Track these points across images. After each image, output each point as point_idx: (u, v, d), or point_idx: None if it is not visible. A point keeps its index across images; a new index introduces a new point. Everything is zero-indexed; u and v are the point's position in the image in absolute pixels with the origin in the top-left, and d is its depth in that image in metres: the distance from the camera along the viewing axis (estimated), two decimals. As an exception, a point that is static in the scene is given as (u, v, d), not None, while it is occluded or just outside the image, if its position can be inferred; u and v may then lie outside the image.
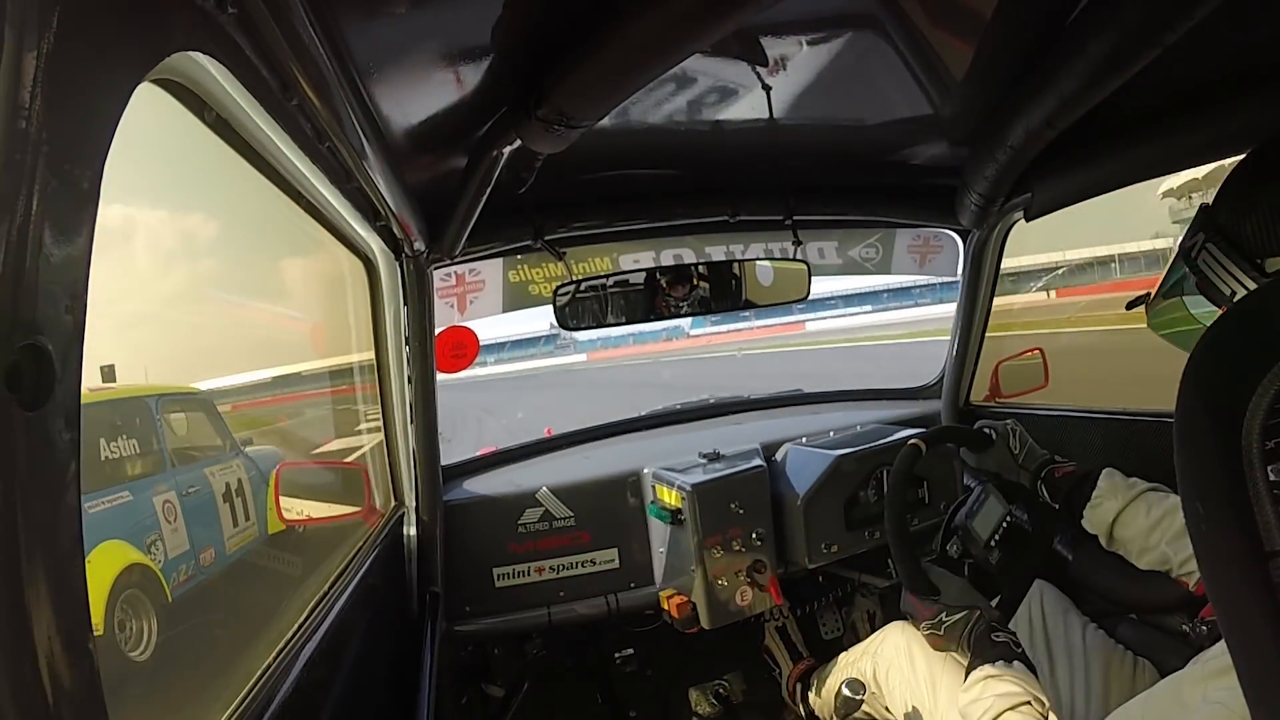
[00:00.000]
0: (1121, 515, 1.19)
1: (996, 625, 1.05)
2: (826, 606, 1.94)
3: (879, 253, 2.04)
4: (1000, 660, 0.97)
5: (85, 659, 0.36)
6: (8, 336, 0.30)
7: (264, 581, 3.72)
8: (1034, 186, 1.31)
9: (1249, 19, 0.82)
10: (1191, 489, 0.45)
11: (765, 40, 0.88)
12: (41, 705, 0.32)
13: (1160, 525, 1.12)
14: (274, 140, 0.71)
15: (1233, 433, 0.41)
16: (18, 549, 0.31)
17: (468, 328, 1.66)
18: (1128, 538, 1.18)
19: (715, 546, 1.52)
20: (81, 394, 0.36)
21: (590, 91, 0.80)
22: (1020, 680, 0.94)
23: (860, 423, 1.85)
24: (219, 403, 4.55)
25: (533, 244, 1.45)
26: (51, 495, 0.34)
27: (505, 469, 1.84)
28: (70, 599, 0.35)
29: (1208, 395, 0.45)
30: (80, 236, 0.35)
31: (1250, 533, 0.41)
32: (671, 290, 1.50)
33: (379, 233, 1.22)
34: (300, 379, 6.05)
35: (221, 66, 0.53)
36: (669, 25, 0.68)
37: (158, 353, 4.22)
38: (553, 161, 1.03)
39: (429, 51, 0.77)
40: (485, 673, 1.79)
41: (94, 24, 0.36)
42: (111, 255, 3.25)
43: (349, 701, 1.01)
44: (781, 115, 1.12)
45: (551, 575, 1.64)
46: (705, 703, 1.78)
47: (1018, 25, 0.87)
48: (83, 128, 0.36)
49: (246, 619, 3.09)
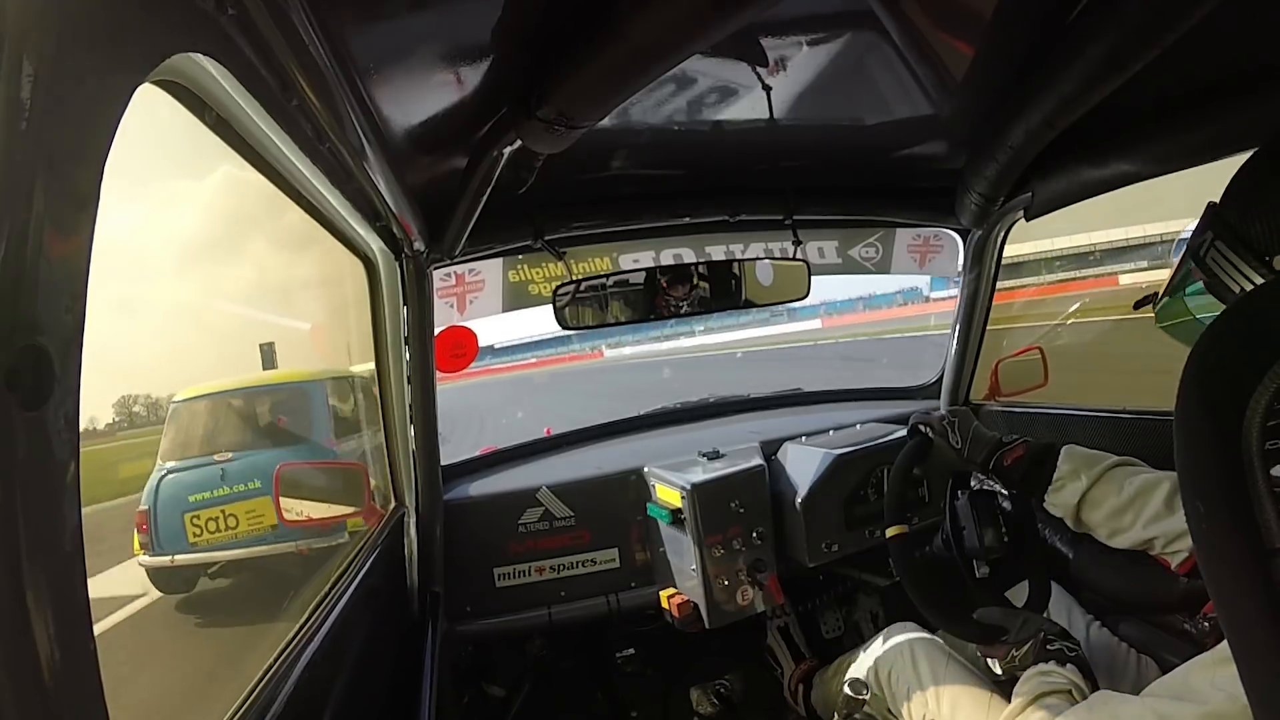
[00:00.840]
0: (1089, 495, 1.11)
1: (1053, 637, 1.06)
2: (827, 605, 1.95)
3: (879, 252, 2.04)
4: (1053, 661, 1.01)
5: (85, 659, 0.36)
6: (8, 337, 0.30)
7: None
8: (1034, 186, 1.31)
9: (1249, 18, 0.82)
10: (1192, 487, 0.45)
11: (765, 41, 0.88)
12: (42, 705, 0.32)
13: (1134, 505, 1.06)
14: (274, 141, 0.71)
15: (1233, 431, 0.41)
16: (18, 549, 0.31)
17: (467, 328, 1.66)
18: (1098, 520, 1.11)
19: (716, 545, 1.52)
20: (81, 394, 0.36)
21: (591, 92, 0.80)
22: (1069, 675, 0.98)
23: (860, 421, 1.85)
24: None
25: (533, 244, 1.45)
26: (52, 495, 0.34)
27: (505, 469, 1.84)
28: (70, 599, 0.35)
29: (1208, 394, 0.45)
30: (80, 237, 0.35)
31: (1251, 531, 0.41)
32: (671, 290, 1.50)
33: (379, 233, 1.23)
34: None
35: (222, 67, 0.53)
36: (670, 26, 0.68)
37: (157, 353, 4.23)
38: (553, 161, 1.03)
39: (429, 52, 0.77)
40: (486, 673, 1.80)
41: (94, 25, 0.36)
42: (111, 255, 3.33)
43: (350, 701, 1.01)
44: (781, 115, 1.12)
45: (552, 575, 1.64)
46: (706, 702, 1.78)
47: (1017, 25, 0.87)
48: (83, 129, 0.36)
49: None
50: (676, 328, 40.10)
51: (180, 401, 3.88)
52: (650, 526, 1.67)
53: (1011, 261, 13.03)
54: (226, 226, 5.06)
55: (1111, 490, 1.08)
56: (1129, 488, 1.07)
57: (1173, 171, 1.13)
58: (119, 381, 3.82)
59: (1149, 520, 1.03)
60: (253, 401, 4.12)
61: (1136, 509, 1.05)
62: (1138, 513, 1.05)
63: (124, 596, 3.28)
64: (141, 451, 3.61)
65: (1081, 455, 1.15)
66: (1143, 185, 1.18)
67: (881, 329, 30.53)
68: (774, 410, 2.25)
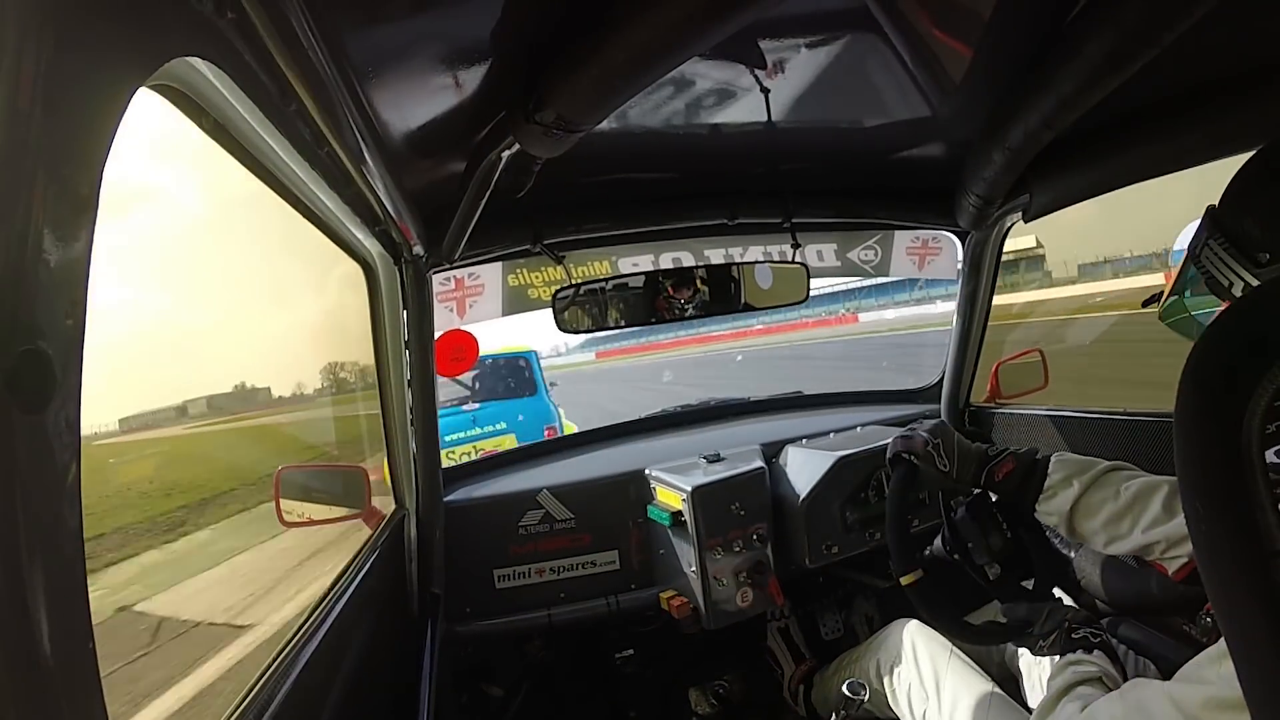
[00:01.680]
0: (1082, 502, 1.08)
1: (1077, 625, 1.07)
2: (827, 607, 1.94)
3: (878, 254, 2.04)
4: (1080, 650, 1.03)
5: (85, 659, 0.36)
6: (8, 340, 0.31)
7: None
8: (1032, 187, 1.31)
9: (1247, 20, 0.82)
10: (1191, 488, 0.45)
11: (763, 43, 0.88)
12: (42, 705, 0.32)
13: (1132, 510, 1.02)
14: (273, 145, 0.71)
15: (1232, 432, 0.41)
16: (18, 551, 0.31)
17: (467, 332, 1.67)
18: (1094, 528, 1.07)
19: (716, 548, 1.52)
20: (82, 398, 0.36)
21: (588, 96, 0.80)
22: (1097, 662, 1.00)
23: (860, 424, 1.85)
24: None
25: (532, 248, 1.45)
26: (52, 498, 0.34)
27: (506, 471, 1.84)
28: (70, 599, 0.35)
29: (1207, 394, 0.45)
30: (80, 242, 0.36)
31: (1250, 532, 0.41)
32: (671, 293, 1.50)
33: (378, 237, 1.23)
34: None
35: (220, 72, 0.53)
36: (667, 29, 0.68)
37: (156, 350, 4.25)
38: (551, 165, 1.03)
39: (427, 56, 0.78)
40: (485, 673, 1.79)
41: (93, 30, 0.36)
42: (112, 256, 3.39)
43: (349, 702, 1.01)
44: (780, 118, 1.12)
45: (552, 577, 1.64)
46: (705, 703, 1.77)
47: (1015, 26, 0.87)
48: (82, 133, 0.36)
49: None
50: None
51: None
52: (650, 529, 1.67)
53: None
54: (226, 229, 5.08)
55: (1108, 495, 1.06)
56: (1126, 492, 1.04)
57: (1171, 172, 1.13)
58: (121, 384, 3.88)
59: (1148, 525, 1.00)
60: (485, 366, 5.55)
61: (1135, 514, 1.02)
62: (1136, 518, 1.02)
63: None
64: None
65: (1073, 462, 1.13)
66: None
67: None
68: (774, 413, 2.25)
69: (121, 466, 4.37)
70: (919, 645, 1.32)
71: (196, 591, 3.82)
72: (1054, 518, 1.12)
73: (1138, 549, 1.02)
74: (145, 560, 4.34)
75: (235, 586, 3.90)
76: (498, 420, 5.10)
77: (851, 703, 1.24)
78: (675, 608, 1.55)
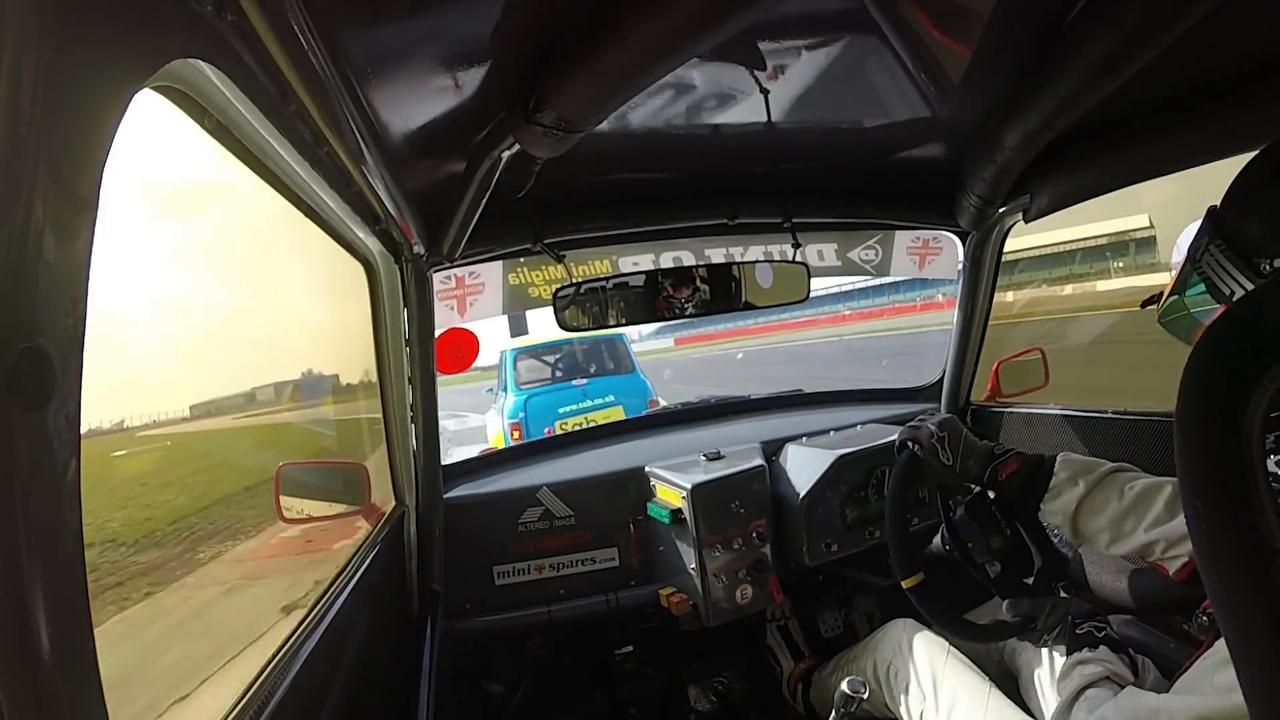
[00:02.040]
0: (1086, 502, 1.08)
1: (1080, 619, 1.09)
2: (826, 605, 1.95)
3: (878, 254, 2.04)
4: (1086, 648, 1.04)
5: (85, 658, 0.37)
6: (8, 339, 0.31)
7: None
8: (1032, 188, 1.31)
9: (1247, 19, 0.82)
10: (1191, 488, 0.45)
11: (763, 44, 0.88)
12: (42, 705, 0.33)
13: (1136, 510, 1.02)
14: (273, 146, 0.71)
15: (1233, 432, 0.41)
16: (18, 549, 0.31)
17: (468, 330, 1.67)
18: (1097, 527, 1.06)
19: (715, 545, 1.52)
20: (82, 396, 0.37)
21: (588, 96, 0.80)
22: (1103, 660, 1.02)
23: (860, 422, 1.85)
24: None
25: (532, 247, 1.45)
26: (52, 496, 0.34)
27: (506, 468, 1.84)
28: (70, 599, 0.35)
29: (1208, 395, 0.45)
30: (80, 241, 0.36)
31: (1251, 532, 0.41)
32: (672, 292, 1.50)
33: (378, 236, 1.23)
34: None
35: (220, 73, 0.53)
36: (667, 30, 0.68)
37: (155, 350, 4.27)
38: (552, 165, 1.03)
39: (427, 56, 0.78)
40: (485, 671, 1.80)
41: (93, 31, 0.36)
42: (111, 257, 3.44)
43: (349, 699, 1.02)
44: (780, 118, 1.12)
45: (552, 574, 1.65)
46: (704, 700, 1.78)
47: (1015, 27, 0.87)
48: (83, 134, 0.36)
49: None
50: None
51: (516, 350, 6.00)
52: (650, 526, 1.67)
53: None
54: (226, 230, 5.10)
55: (1112, 496, 1.05)
56: (1130, 492, 1.04)
57: (1172, 172, 1.13)
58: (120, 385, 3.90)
59: (1151, 524, 1.00)
60: (585, 346, 6.10)
61: (1139, 514, 1.02)
62: (1140, 518, 1.02)
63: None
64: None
65: (1079, 462, 1.12)
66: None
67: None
68: (775, 411, 2.25)
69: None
70: (916, 644, 1.32)
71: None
72: (1058, 517, 1.11)
73: (1140, 548, 1.02)
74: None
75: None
76: (606, 394, 5.59)
77: (851, 701, 1.24)
78: (675, 605, 1.56)
